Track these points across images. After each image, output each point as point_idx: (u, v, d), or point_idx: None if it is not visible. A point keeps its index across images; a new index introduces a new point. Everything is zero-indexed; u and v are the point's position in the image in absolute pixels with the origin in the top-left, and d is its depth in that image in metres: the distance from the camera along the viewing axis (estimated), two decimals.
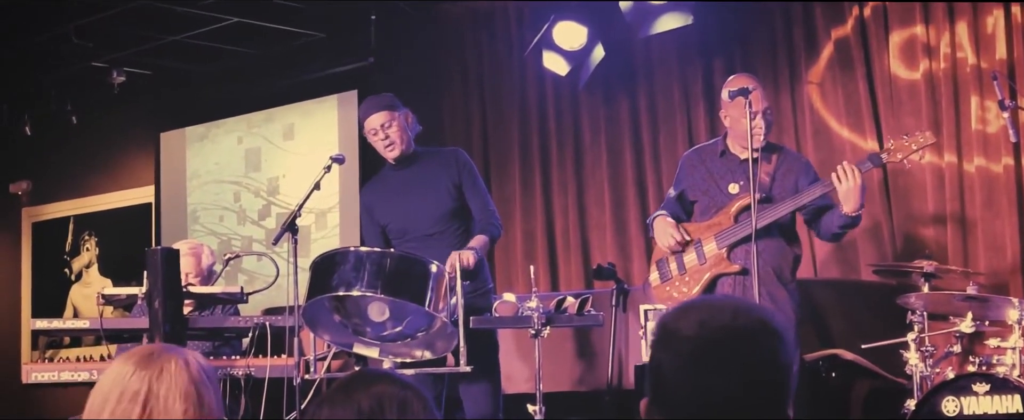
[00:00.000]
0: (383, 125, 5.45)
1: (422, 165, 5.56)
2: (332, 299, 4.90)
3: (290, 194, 9.06)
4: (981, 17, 6.36)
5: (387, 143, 5.48)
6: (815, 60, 6.90)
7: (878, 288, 6.17)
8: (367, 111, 5.52)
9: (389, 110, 5.46)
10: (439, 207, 5.48)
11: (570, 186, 7.75)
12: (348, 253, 4.94)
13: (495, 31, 8.11)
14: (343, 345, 5.08)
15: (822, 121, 6.85)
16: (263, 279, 7.99)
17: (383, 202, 5.61)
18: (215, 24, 8.39)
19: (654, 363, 2.12)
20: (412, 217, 5.50)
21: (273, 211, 9.29)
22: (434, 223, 5.47)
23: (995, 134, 6.27)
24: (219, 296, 5.60)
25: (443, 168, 5.52)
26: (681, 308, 2.17)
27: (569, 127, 7.79)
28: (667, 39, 7.20)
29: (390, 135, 5.46)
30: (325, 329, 5.02)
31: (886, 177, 6.62)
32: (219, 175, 9.63)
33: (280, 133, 9.28)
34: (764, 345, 2.08)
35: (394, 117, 5.46)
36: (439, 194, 5.49)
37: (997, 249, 6.26)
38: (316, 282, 4.87)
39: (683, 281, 5.29)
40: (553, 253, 7.79)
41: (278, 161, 9.28)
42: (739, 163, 5.28)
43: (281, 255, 6.30)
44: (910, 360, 5.30)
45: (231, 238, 9.52)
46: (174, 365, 2.35)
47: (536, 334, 5.01)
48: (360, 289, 4.77)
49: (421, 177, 5.53)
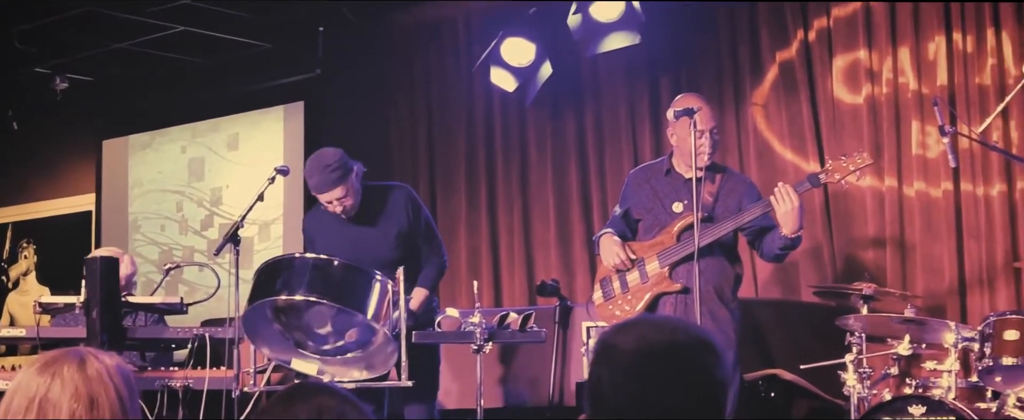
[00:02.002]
0: (338, 199, 5.38)
1: (370, 207, 5.49)
2: (274, 308, 4.86)
3: (233, 205, 9.00)
4: (923, 43, 6.45)
5: (343, 212, 5.44)
6: (760, 82, 6.97)
7: (818, 309, 6.23)
8: (320, 186, 5.35)
9: (342, 185, 5.33)
10: (381, 253, 5.43)
11: (515, 202, 7.76)
12: (293, 260, 4.91)
13: (443, 45, 8.11)
14: (282, 359, 5.03)
15: (766, 142, 6.92)
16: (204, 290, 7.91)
17: (325, 237, 5.54)
18: (161, 32, 8.33)
19: (594, 378, 2.15)
20: (355, 250, 5.44)
21: (216, 221, 9.22)
22: (375, 256, 5.41)
23: (935, 159, 6.36)
24: (158, 306, 5.54)
25: (392, 213, 5.48)
26: (621, 325, 2.20)
27: (515, 143, 7.80)
28: (614, 58, 7.24)
29: (344, 206, 5.41)
30: (265, 340, 4.96)
31: (827, 200, 6.69)
32: (162, 184, 9.55)
33: (224, 143, 9.21)
34: (701, 361, 2.12)
35: (347, 189, 5.36)
36: (387, 241, 5.46)
37: (935, 272, 6.34)
38: (259, 287, 4.83)
39: (626, 299, 5.31)
40: (497, 269, 7.79)
41: (222, 171, 9.22)
42: (684, 182, 5.32)
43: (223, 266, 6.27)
44: (848, 381, 5.34)
45: (172, 248, 9.43)
46: (69, 368, 2.38)
47: (478, 349, 5.01)
48: (304, 294, 4.73)
49: (366, 221, 5.49)
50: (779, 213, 5.02)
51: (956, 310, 6.23)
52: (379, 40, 8.32)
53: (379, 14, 8.24)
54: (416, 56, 8.21)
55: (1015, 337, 4.96)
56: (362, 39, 8.31)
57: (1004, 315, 5.09)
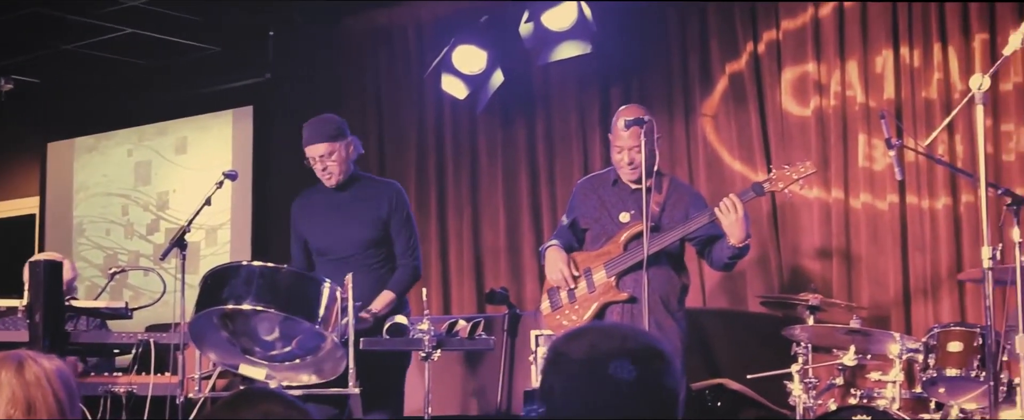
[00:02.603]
0: (322, 156, 5.39)
1: (356, 191, 5.50)
2: (220, 315, 4.82)
3: (180, 209, 8.93)
4: (871, 57, 6.52)
5: (324, 173, 5.43)
6: (710, 93, 7.01)
7: (765, 319, 6.27)
8: (310, 138, 5.41)
9: (331, 141, 5.37)
10: (361, 235, 5.42)
11: (465, 209, 7.75)
12: (240, 268, 4.87)
13: (395, 52, 8.09)
14: (229, 365, 4.99)
15: (715, 153, 6.96)
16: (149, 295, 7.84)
17: (308, 219, 5.55)
18: (109, 34, 8.25)
19: (546, 386, 2.15)
20: (334, 239, 5.45)
21: (162, 226, 9.14)
22: (354, 247, 5.42)
23: (881, 172, 6.43)
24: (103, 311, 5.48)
25: (376, 201, 5.47)
26: (573, 333, 2.20)
27: (466, 150, 7.80)
28: (566, 67, 7.25)
29: (328, 166, 5.40)
30: (211, 346, 4.92)
31: (775, 211, 6.74)
32: (107, 188, 9.45)
33: (172, 147, 9.14)
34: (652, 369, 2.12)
35: (334, 148, 5.38)
36: (363, 224, 5.44)
37: (880, 284, 6.40)
38: (205, 296, 4.79)
39: (573, 309, 5.31)
40: (446, 276, 7.78)
41: (169, 175, 9.14)
42: (630, 192, 5.33)
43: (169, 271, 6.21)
44: (794, 391, 5.38)
45: (118, 252, 9.34)
46: (6, 372, 2.36)
47: (426, 357, 5.00)
48: (250, 303, 4.70)
49: (352, 203, 5.48)
50: (725, 224, 5.05)
51: (901, 321, 6.29)
52: (330, 45, 8.29)
53: (330, 19, 8.21)
54: (367, 62, 8.18)
55: (958, 349, 5.01)
56: (313, 44, 8.27)
57: (948, 327, 5.14)
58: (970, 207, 6.17)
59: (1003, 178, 6.02)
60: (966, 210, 6.21)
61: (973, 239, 6.10)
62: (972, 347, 4.99)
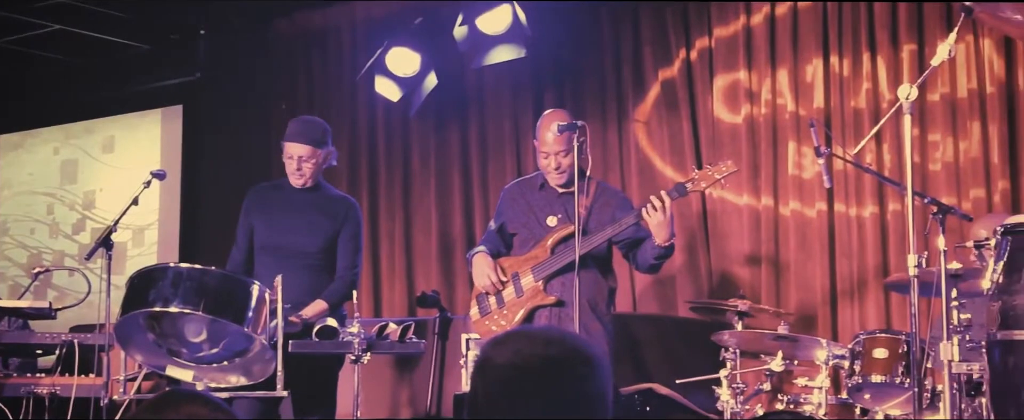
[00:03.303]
0: (301, 157, 5.36)
1: (316, 198, 5.46)
2: (147, 317, 4.75)
3: (107, 208, 8.81)
4: (801, 66, 6.59)
5: (297, 172, 5.40)
6: (642, 99, 7.05)
7: (694, 324, 6.31)
8: (294, 136, 5.38)
9: (314, 146, 5.35)
10: (309, 241, 5.39)
11: (397, 212, 7.72)
12: (167, 269, 4.80)
13: (328, 53, 8.04)
14: (156, 366, 4.92)
15: (647, 159, 7.00)
16: (74, 295, 7.72)
17: (262, 210, 5.50)
18: (37, 30, 8.12)
19: (472, 391, 2.14)
20: (282, 234, 5.40)
21: (88, 225, 9.01)
22: (299, 247, 5.38)
23: (810, 180, 6.50)
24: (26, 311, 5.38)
25: (331, 212, 5.44)
26: (499, 338, 2.19)
27: (399, 153, 7.77)
28: (500, 71, 7.25)
29: (303, 168, 5.37)
30: (137, 348, 4.85)
31: (705, 217, 6.79)
32: (32, 186, 9.30)
33: (99, 145, 9.02)
34: (576, 374, 2.12)
35: (315, 154, 5.36)
36: (314, 231, 5.40)
37: (808, 290, 6.47)
38: (132, 297, 4.72)
39: (502, 314, 5.31)
40: (377, 279, 7.74)
41: (96, 174, 9.02)
42: (558, 196, 5.35)
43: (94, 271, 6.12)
44: (722, 396, 5.42)
45: (42, 251, 9.19)
46: None
47: (356, 360, 4.96)
48: (178, 306, 4.64)
49: (309, 209, 5.44)
50: (652, 223, 5.08)
51: (828, 327, 6.36)
52: (262, 45, 8.22)
53: (263, 19, 8.14)
54: (300, 62, 8.13)
55: (884, 355, 5.08)
56: (245, 44, 8.20)
57: (874, 333, 5.20)
58: (897, 215, 6.26)
59: (929, 187, 6.11)
60: (893, 218, 6.30)
61: (899, 247, 6.19)
62: (897, 354, 5.05)
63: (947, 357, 4.11)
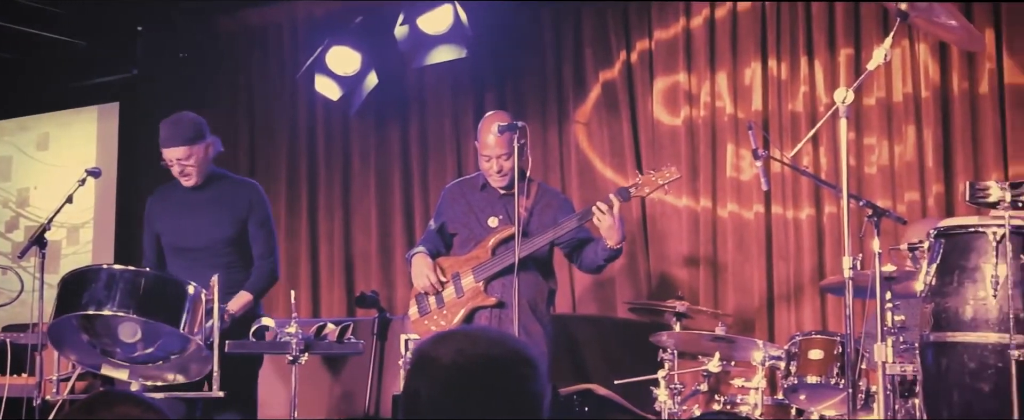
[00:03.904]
0: (180, 159, 5.29)
1: (215, 190, 5.41)
2: (81, 318, 4.70)
3: (41, 206, 8.69)
4: (740, 69, 6.64)
5: (182, 175, 5.34)
6: (583, 100, 7.07)
7: (633, 325, 6.33)
8: (166, 140, 5.29)
9: (188, 145, 5.26)
10: (217, 234, 5.34)
11: (337, 211, 7.68)
12: (100, 271, 4.74)
13: (268, 51, 7.99)
14: (90, 366, 4.87)
15: (587, 160, 7.02)
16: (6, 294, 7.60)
17: (164, 213, 5.44)
18: None
19: (410, 390, 2.14)
20: (188, 234, 5.35)
21: (21, 223, 8.89)
22: (207, 245, 5.33)
23: (748, 182, 6.55)
24: None
25: (234, 200, 5.39)
26: (439, 337, 2.19)
27: (338, 152, 7.73)
28: (441, 71, 7.24)
29: (186, 168, 5.30)
30: (72, 349, 4.79)
31: (645, 218, 6.82)
32: None
33: (33, 142, 8.90)
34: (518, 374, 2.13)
35: (193, 152, 5.28)
36: (221, 222, 5.35)
37: (745, 292, 6.52)
38: (65, 300, 4.66)
39: (441, 315, 5.30)
40: (316, 279, 7.70)
41: (30, 171, 8.89)
42: (499, 197, 5.35)
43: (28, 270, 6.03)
44: (660, 397, 5.45)
45: None
46: None
47: (294, 360, 4.93)
48: (112, 308, 4.58)
49: (209, 202, 5.38)
50: (603, 226, 5.10)
51: (764, 329, 6.42)
52: (201, 43, 8.14)
53: (203, 17, 8.07)
54: (239, 60, 8.07)
55: (819, 356, 5.13)
56: (183, 41, 8.12)
57: (809, 335, 5.26)
58: (833, 218, 6.33)
59: (865, 190, 6.19)
60: (829, 221, 6.37)
61: (835, 249, 6.26)
62: (832, 355, 5.11)
63: (881, 358, 4.16)
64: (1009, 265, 3.79)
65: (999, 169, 6.06)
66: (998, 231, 3.81)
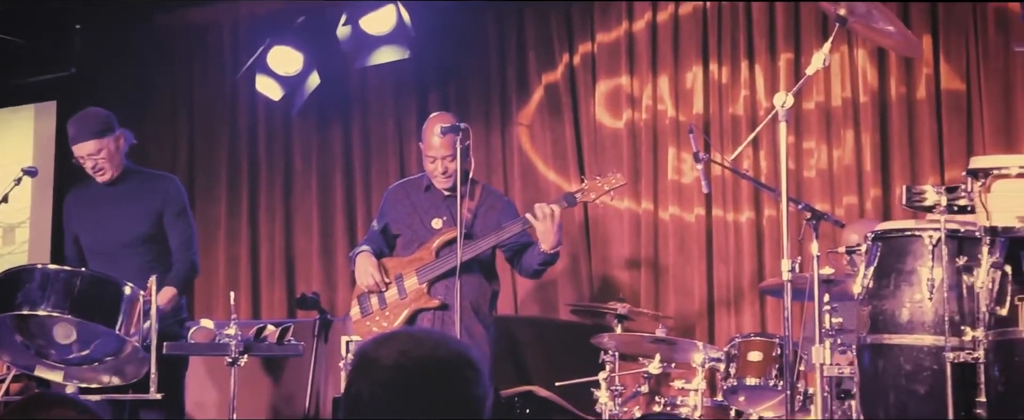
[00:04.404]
0: (91, 154, 5.23)
1: (130, 185, 5.36)
2: (15, 318, 4.63)
3: None
4: (681, 73, 6.68)
5: (96, 170, 5.28)
6: (526, 102, 7.08)
7: (574, 327, 6.35)
8: (76, 136, 5.26)
9: (98, 138, 5.22)
10: (134, 229, 5.29)
11: (278, 212, 7.63)
12: (35, 270, 4.68)
13: (209, 50, 7.91)
14: (24, 367, 4.80)
15: (530, 162, 7.03)
16: None
17: (81, 212, 5.39)
18: None
19: (352, 391, 2.12)
20: (105, 233, 5.30)
21: None
22: (126, 242, 5.28)
23: (689, 185, 6.59)
24: None
25: (150, 194, 5.35)
26: (382, 338, 2.18)
27: (280, 152, 7.68)
28: (384, 71, 7.22)
29: (99, 163, 5.25)
30: (5, 349, 4.73)
31: (587, 221, 6.84)
32: None
33: None
34: (461, 377, 2.12)
35: (103, 145, 5.23)
36: (138, 217, 5.30)
37: (686, 294, 6.56)
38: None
39: (383, 316, 5.29)
40: (256, 280, 7.64)
41: None
42: (443, 198, 5.35)
43: None
44: (601, 398, 5.46)
45: None
46: None
47: (233, 362, 4.90)
48: (46, 309, 4.52)
49: (125, 196, 5.33)
50: (540, 230, 5.11)
51: (705, 331, 6.46)
52: (140, 41, 8.05)
53: (142, 15, 7.98)
54: (179, 60, 7.98)
55: (758, 358, 5.17)
56: (122, 39, 8.03)
57: (749, 337, 5.30)
58: (772, 221, 6.38)
59: (804, 193, 6.25)
60: (769, 224, 6.42)
61: (775, 252, 6.31)
62: (771, 357, 5.15)
63: (819, 360, 4.21)
64: (945, 268, 3.85)
65: (936, 173, 6.15)
66: (934, 235, 3.87)
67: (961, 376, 3.76)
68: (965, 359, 3.75)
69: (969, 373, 3.76)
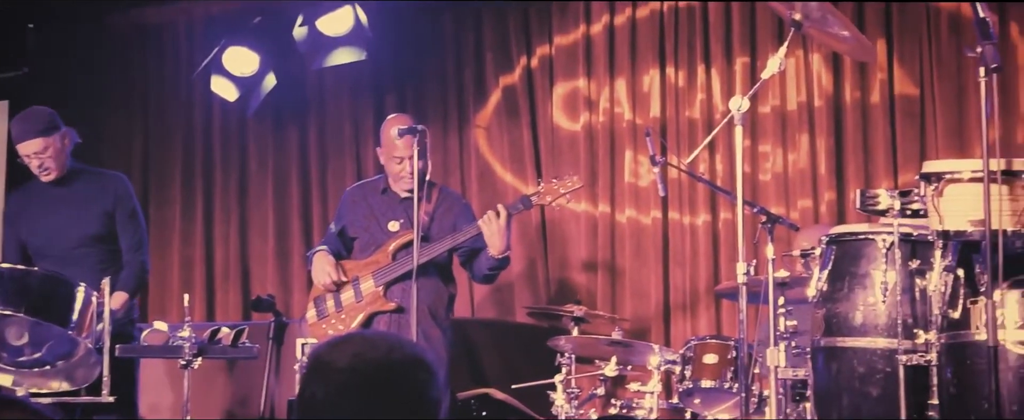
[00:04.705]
0: (37, 152, 5.17)
1: (78, 185, 5.30)
2: None
3: None
4: (638, 76, 6.70)
5: (41, 169, 5.22)
6: (483, 105, 7.07)
7: (531, 330, 6.35)
8: (20, 135, 5.20)
9: (43, 136, 5.17)
10: (84, 230, 5.24)
11: (233, 214, 7.57)
12: None
13: (164, 50, 7.84)
14: None
15: (487, 164, 7.02)
16: None
17: (27, 215, 5.32)
18: None
19: (306, 394, 2.11)
20: (54, 235, 5.24)
21: None
22: (76, 245, 5.23)
23: (646, 187, 6.61)
24: None
25: (100, 193, 5.29)
26: (336, 341, 2.17)
27: (235, 154, 7.62)
28: (341, 73, 7.19)
29: (44, 161, 5.20)
30: None
31: (544, 223, 6.85)
32: None
33: None
34: (416, 380, 2.12)
35: (49, 143, 5.18)
36: (88, 218, 5.25)
37: (642, 296, 6.57)
38: None
39: (339, 319, 5.27)
40: (211, 282, 7.58)
41: None
42: (400, 201, 5.34)
43: None
44: (557, 401, 5.47)
45: None
46: None
47: (186, 364, 4.86)
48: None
49: (73, 197, 5.28)
50: (487, 233, 5.12)
51: (660, 333, 6.48)
52: (94, 41, 7.97)
53: (96, 14, 7.90)
54: (133, 60, 7.91)
55: (714, 361, 5.19)
56: (76, 39, 7.94)
57: (704, 339, 5.32)
58: (728, 224, 6.41)
59: (759, 197, 6.28)
60: (724, 227, 6.45)
61: (730, 255, 6.34)
62: (726, 359, 5.17)
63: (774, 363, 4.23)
64: (898, 272, 3.88)
65: (889, 177, 6.20)
66: (887, 238, 3.90)
67: (914, 378, 3.79)
68: (918, 362, 3.78)
69: (921, 375, 3.80)
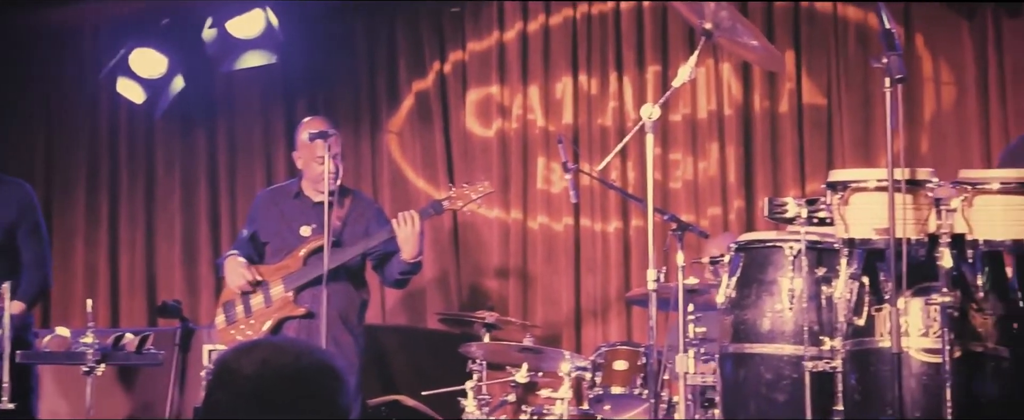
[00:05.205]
0: None
1: None
2: None
3: None
4: (552, 83, 6.72)
5: None
6: (396, 110, 7.04)
7: (442, 336, 6.33)
8: None
9: None
10: None
11: (139, 218, 7.45)
12: None
13: (68, 51, 7.68)
14: None
15: (399, 170, 6.99)
16: None
17: None
18: None
19: (211, 401, 2.07)
20: None
21: None
22: None
23: (558, 194, 6.63)
24: None
25: (3, 203, 5.15)
26: (243, 347, 2.13)
27: (142, 157, 7.50)
28: (251, 76, 7.10)
29: None
30: None
31: (456, 229, 6.83)
32: None
33: None
34: (325, 387, 2.09)
35: None
36: None
37: (554, 303, 6.59)
38: None
39: (248, 324, 5.21)
40: (116, 288, 7.44)
41: None
42: (312, 206, 5.29)
43: None
44: (468, 407, 5.45)
45: None
46: None
47: (89, 371, 4.77)
48: None
49: None
50: (400, 237, 5.10)
51: (572, 340, 6.50)
52: None
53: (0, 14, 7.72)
54: (36, 60, 7.73)
55: (624, 367, 5.22)
56: None
57: (615, 346, 5.34)
58: (639, 231, 6.45)
59: (670, 204, 6.33)
60: (635, 234, 6.49)
61: (641, 262, 6.37)
62: (636, 365, 5.20)
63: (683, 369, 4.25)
64: (804, 279, 3.93)
65: (797, 186, 6.29)
66: (795, 246, 3.94)
67: (819, 384, 3.84)
68: (823, 368, 3.83)
69: (827, 382, 3.84)
